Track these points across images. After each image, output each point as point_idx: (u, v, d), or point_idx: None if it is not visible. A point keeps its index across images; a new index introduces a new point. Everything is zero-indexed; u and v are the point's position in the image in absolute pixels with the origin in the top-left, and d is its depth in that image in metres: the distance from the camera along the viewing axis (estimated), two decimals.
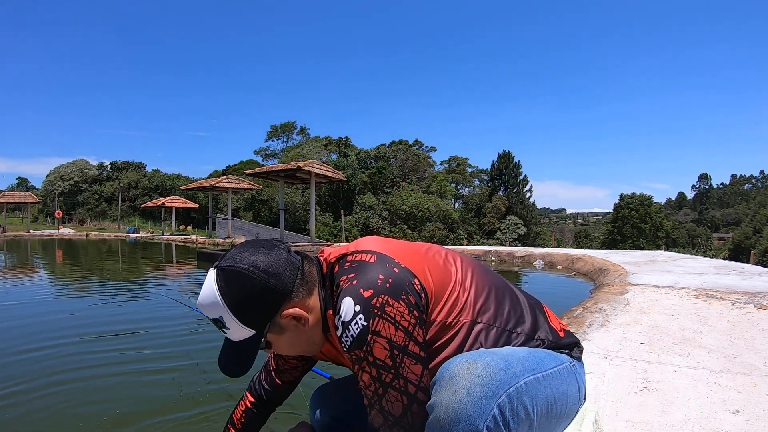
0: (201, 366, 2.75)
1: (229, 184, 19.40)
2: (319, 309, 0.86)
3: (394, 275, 0.79)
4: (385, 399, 0.76)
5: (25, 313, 4.41)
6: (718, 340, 2.25)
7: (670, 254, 8.57)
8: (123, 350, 3.09)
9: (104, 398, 2.24)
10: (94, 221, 39.39)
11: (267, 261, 0.82)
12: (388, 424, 0.77)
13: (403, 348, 0.76)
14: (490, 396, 0.71)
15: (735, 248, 32.50)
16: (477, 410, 0.70)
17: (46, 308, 4.76)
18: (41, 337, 3.46)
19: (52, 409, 2.11)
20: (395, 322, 0.76)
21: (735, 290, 3.77)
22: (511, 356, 0.79)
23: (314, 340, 0.89)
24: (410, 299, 0.78)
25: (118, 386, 2.41)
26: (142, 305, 5.09)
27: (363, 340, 0.76)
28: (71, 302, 5.30)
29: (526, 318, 0.89)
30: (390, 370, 0.75)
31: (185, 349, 3.11)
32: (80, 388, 2.39)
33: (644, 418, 1.40)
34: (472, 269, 0.91)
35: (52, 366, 2.74)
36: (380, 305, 0.76)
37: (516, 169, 36.55)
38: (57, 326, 3.84)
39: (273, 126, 51.50)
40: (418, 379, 0.77)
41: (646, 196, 37.66)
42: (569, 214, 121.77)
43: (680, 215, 66.51)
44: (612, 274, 5.27)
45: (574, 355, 0.93)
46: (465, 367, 0.74)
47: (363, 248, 0.85)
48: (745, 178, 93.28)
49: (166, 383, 2.48)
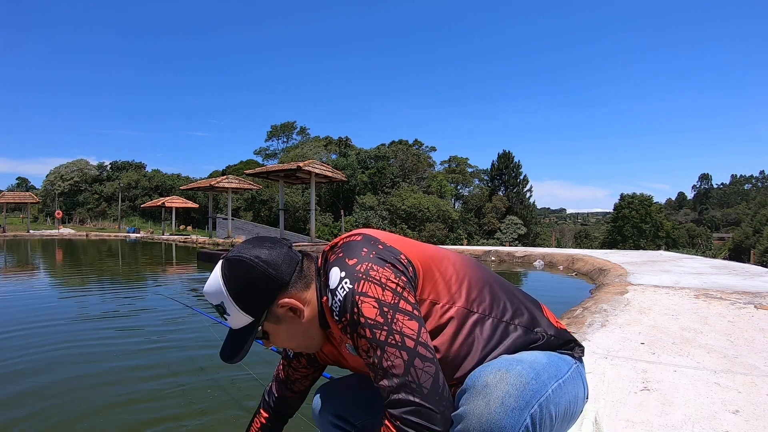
0: (200, 365, 2.75)
1: (229, 184, 19.40)
2: (315, 303, 0.88)
3: (379, 250, 0.82)
4: (385, 359, 0.73)
5: (25, 315, 4.41)
6: (718, 340, 2.25)
7: (670, 254, 8.57)
8: (123, 351, 3.10)
9: (104, 398, 2.25)
10: (94, 221, 39.39)
11: (268, 253, 0.85)
12: (395, 387, 0.72)
13: (394, 305, 0.76)
14: (523, 407, 0.70)
15: (735, 248, 32.49)
16: (511, 421, 0.69)
17: (45, 309, 4.76)
18: (41, 339, 3.46)
19: (50, 410, 2.11)
20: (381, 284, 0.77)
21: (735, 290, 3.77)
22: (537, 363, 0.79)
23: (311, 333, 0.90)
24: (396, 266, 0.80)
25: (118, 387, 2.41)
26: (142, 305, 5.09)
27: (350, 302, 0.76)
28: (71, 302, 5.30)
29: (524, 311, 0.88)
30: (383, 327, 0.74)
31: (185, 350, 3.11)
32: (77, 389, 2.39)
33: (644, 418, 1.40)
34: (467, 264, 0.91)
35: (43, 362, 2.74)
36: (365, 270, 0.78)
37: (516, 169, 36.57)
38: (51, 323, 3.85)
39: (273, 126, 51.52)
40: (415, 333, 0.75)
41: (646, 196, 37.67)
42: (569, 214, 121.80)
43: (680, 215, 66.51)
44: (612, 274, 5.27)
45: (576, 355, 0.92)
46: (498, 377, 0.72)
47: (352, 233, 0.89)
48: (745, 178, 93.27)
49: (166, 383, 2.48)
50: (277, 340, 0.90)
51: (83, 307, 4.90)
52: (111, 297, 5.69)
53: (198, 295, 5.79)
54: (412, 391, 0.71)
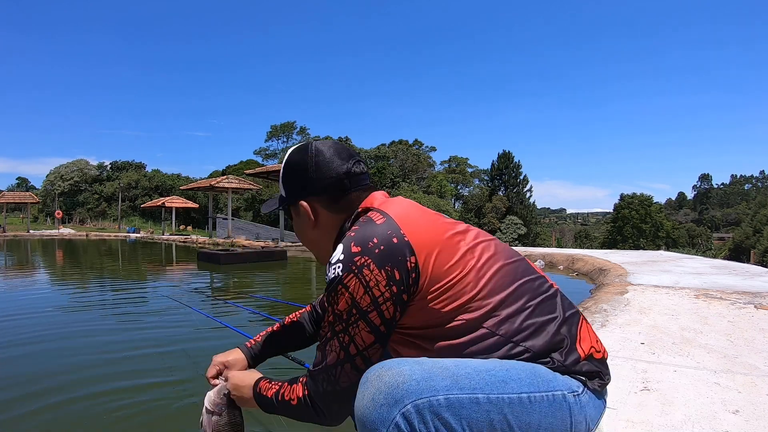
0: (200, 365, 2.75)
1: (229, 184, 19.40)
2: (327, 227, 0.94)
3: (390, 244, 0.78)
4: (329, 344, 0.80)
5: (25, 317, 4.41)
6: (718, 340, 2.25)
7: (670, 254, 8.57)
8: (121, 349, 3.10)
9: (102, 397, 2.25)
10: (94, 221, 39.39)
11: (329, 162, 0.91)
12: (320, 367, 0.80)
13: (363, 312, 0.77)
14: (392, 404, 0.70)
15: (735, 248, 32.47)
16: (379, 416, 0.70)
17: (41, 306, 4.76)
18: (42, 341, 3.46)
19: (48, 412, 2.11)
20: (366, 287, 0.77)
21: (735, 290, 3.77)
22: (444, 369, 0.74)
23: (312, 239, 0.98)
24: (394, 273, 0.77)
25: (114, 385, 2.41)
26: (141, 305, 5.09)
27: (333, 286, 0.79)
28: (70, 302, 5.30)
29: (546, 333, 0.82)
30: (342, 323, 0.78)
31: (186, 352, 3.11)
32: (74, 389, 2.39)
33: (644, 418, 1.40)
34: (499, 268, 0.84)
35: (42, 366, 2.74)
36: (360, 265, 0.77)
37: (516, 169, 36.57)
38: (51, 326, 3.84)
39: (273, 126, 51.52)
40: (364, 346, 0.78)
41: (646, 196, 37.71)
42: (569, 214, 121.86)
43: (680, 215, 66.52)
44: (612, 274, 5.27)
45: (590, 386, 0.83)
46: (377, 374, 0.73)
47: (383, 208, 0.86)
48: (745, 178, 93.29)
49: (165, 382, 2.48)
50: (294, 227, 1.00)
51: (83, 307, 4.90)
52: (111, 297, 5.69)
53: (198, 296, 5.79)
54: (329, 380, 0.79)
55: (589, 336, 0.87)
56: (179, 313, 4.29)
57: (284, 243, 15.10)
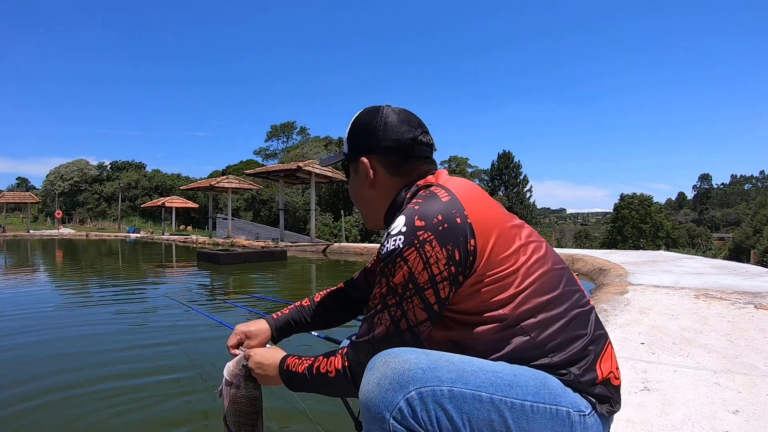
0: (199, 365, 2.75)
1: (229, 184, 19.40)
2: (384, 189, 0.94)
3: (454, 224, 0.77)
4: (378, 316, 0.79)
5: (24, 316, 4.41)
6: (718, 340, 2.25)
7: (670, 254, 8.57)
8: (121, 348, 3.09)
9: (101, 395, 2.25)
10: (94, 221, 39.39)
11: (398, 126, 0.92)
12: (365, 338, 0.79)
13: (419, 288, 0.77)
14: (397, 389, 0.71)
15: (735, 248, 32.46)
16: (383, 400, 0.71)
17: (40, 304, 4.76)
18: (41, 338, 3.46)
19: (46, 410, 2.11)
20: (426, 263, 0.76)
21: (735, 290, 3.77)
22: (450, 363, 0.75)
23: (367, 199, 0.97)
24: (455, 253, 0.77)
25: (114, 385, 2.41)
26: (140, 305, 5.09)
27: (391, 258, 0.78)
28: (69, 302, 5.30)
29: (574, 347, 0.81)
30: (396, 297, 0.77)
31: (185, 351, 3.11)
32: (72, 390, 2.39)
33: (644, 418, 1.40)
34: (546, 271, 0.84)
35: (41, 366, 2.74)
36: (422, 240, 0.76)
37: (516, 169, 36.59)
38: (45, 316, 3.85)
39: (273, 126, 51.58)
40: (415, 322, 0.78)
41: (646, 196, 37.71)
42: (569, 214, 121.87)
43: (680, 215, 66.52)
44: (612, 274, 5.27)
45: (599, 410, 0.81)
46: (384, 360, 0.74)
47: (448, 185, 0.85)
48: (745, 178, 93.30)
49: (165, 382, 2.48)
50: (350, 186, 1.00)
51: (83, 306, 4.90)
52: (110, 297, 5.69)
53: (198, 296, 5.79)
54: (374, 353, 0.77)
55: (611, 360, 0.86)
56: (179, 313, 4.29)
57: (284, 243, 15.10)
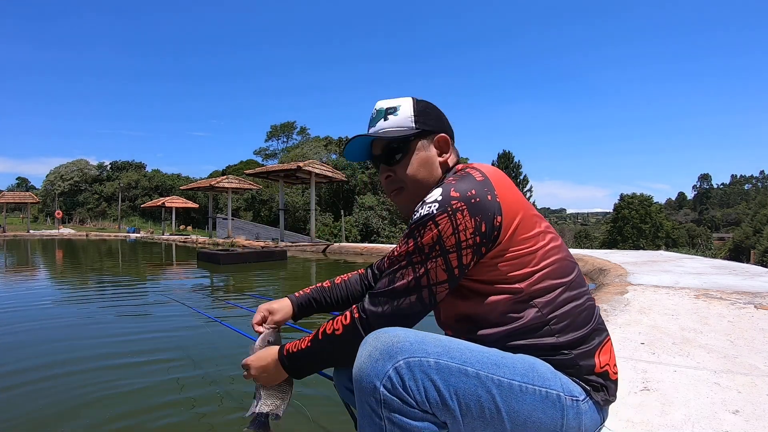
0: (199, 365, 2.75)
1: (229, 184, 19.40)
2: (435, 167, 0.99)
3: (485, 200, 0.84)
4: (401, 271, 0.83)
5: (25, 315, 4.41)
6: (718, 340, 2.25)
7: (669, 254, 8.56)
8: (120, 347, 3.09)
9: (101, 394, 2.24)
10: (94, 221, 39.39)
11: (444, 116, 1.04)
12: (386, 290, 0.83)
13: (445, 251, 0.82)
14: (387, 359, 0.74)
15: (735, 248, 32.47)
16: (374, 370, 0.74)
17: (42, 309, 4.76)
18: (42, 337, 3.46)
19: (43, 400, 2.11)
20: (456, 229, 0.82)
21: (735, 290, 3.77)
22: (437, 340, 0.78)
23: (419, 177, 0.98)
24: (482, 225, 0.83)
25: (113, 384, 2.41)
26: (140, 304, 5.09)
27: (423, 221, 0.83)
28: (69, 301, 5.30)
29: (577, 332, 0.86)
30: (421, 255, 0.82)
31: (184, 350, 3.11)
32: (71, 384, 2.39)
33: (644, 418, 1.39)
34: (561, 258, 0.90)
35: (39, 358, 2.74)
36: (455, 208, 0.82)
37: (516, 169, 36.55)
38: (49, 321, 3.84)
39: (273, 126, 51.58)
40: (435, 281, 0.82)
41: (646, 196, 37.67)
42: (569, 214, 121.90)
43: (680, 215, 66.53)
44: (612, 274, 5.26)
45: (594, 398, 0.85)
46: (375, 336, 0.78)
47: (482, 169, 0.92)
48: (745, 178, 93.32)
49: (164, 381, 2.48)
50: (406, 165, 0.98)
51: (82, 306, 4.90)
52: (110, 296, 5.69)
53: (198, 295, 5.79)
54: (391, 303, 0.82)
55: (609, 354, 0.91)
56: (179, 313, 4.29)
57: (284, 243, 15.11)
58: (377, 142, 1.01)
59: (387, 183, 1.02)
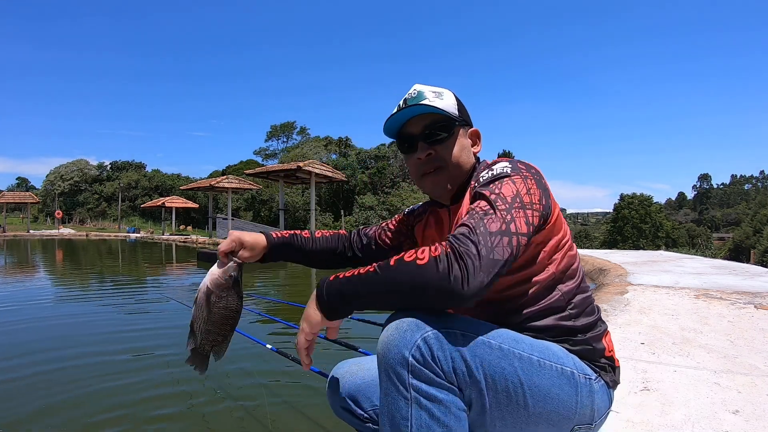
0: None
1: (229, 184, 19.40)
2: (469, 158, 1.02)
3: (543, 179, 0.90)
4: (488, 216, 0.78)
5: (25, 314, 4.41)
6: (718, 340, 2.25)
7: (669, 254, 8.56)
8: (119, 347, 3.09)
9: (99, 392, 2.25)
10: (94, 221, 39.38)
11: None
12: (479, 230, 0.76)
13: (524, 205, 0.82)
14: (415, 330, 0.75)
15: (735, 248, 32.45)
16: (403, 340, 0.74)
17: (43, 308, 4.76)
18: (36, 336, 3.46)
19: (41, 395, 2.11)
20: (528, 191, 0.84)
21: (735, 290, 3.77)
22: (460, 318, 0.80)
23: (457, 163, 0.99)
24: (543, 198, 0.86)
25: (112, 384, 2.41)
26: (140, 304, 5.09)
27: (500, 177, 0.86)
28: (69, 301, 5.30)
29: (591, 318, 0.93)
30: (506, 204, 0.81)
31: (178, 344, 3.12)
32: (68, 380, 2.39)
33: (644, 418, 1.40)
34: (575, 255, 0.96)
35: (36, 353, 2.74)
36: (525, 175, 0.86)
37: None
38: (50, 321, 3.84)
39: (273, 126, 51.60)
40: (519, 233, 0.79)
41: (646, 196, 37.66)
42: (569, 214, 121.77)
43: (680, 215, 66.53)
44: (612, 274, 5.26)
45: (604, 378, 0.90)
46: (403, 313, 0.78)
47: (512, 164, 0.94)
48: (745, 178, 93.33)
49: (160, 375, 2.48)
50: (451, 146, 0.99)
51: (82, 306, 4.90)
52: (110, 295, 5.69)
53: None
54: (485, 244, 0.75)
55: (611, 342, 0.97)
56: (178, 312, 4.29)
57: None
58: (418, 120, 0.98)
59: (424, 161, 0.98)
